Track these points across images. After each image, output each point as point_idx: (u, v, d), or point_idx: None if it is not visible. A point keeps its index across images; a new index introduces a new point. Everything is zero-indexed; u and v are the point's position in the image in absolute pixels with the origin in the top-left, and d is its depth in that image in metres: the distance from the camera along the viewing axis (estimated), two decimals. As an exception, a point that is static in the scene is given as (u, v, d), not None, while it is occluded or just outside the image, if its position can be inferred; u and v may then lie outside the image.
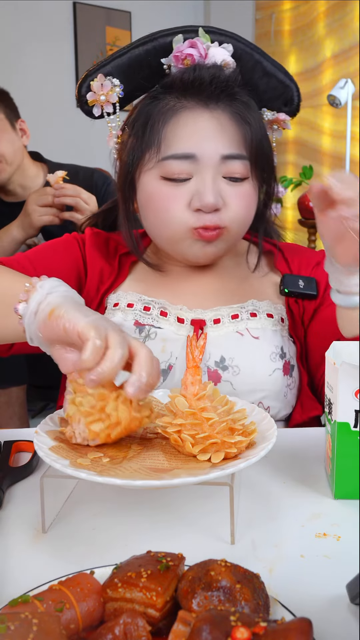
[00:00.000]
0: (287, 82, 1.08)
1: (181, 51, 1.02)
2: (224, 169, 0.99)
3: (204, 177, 0.98)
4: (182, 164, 0.98)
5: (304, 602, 0.59)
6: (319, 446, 0.91)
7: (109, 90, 1.03)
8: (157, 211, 1.02)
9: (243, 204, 1.01)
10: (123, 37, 4.03)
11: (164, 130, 0.99)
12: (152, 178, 1.01)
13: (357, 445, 0.77)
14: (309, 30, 4.08)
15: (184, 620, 0.49)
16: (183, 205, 0.99)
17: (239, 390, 1.02)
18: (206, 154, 0.98)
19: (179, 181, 0.99)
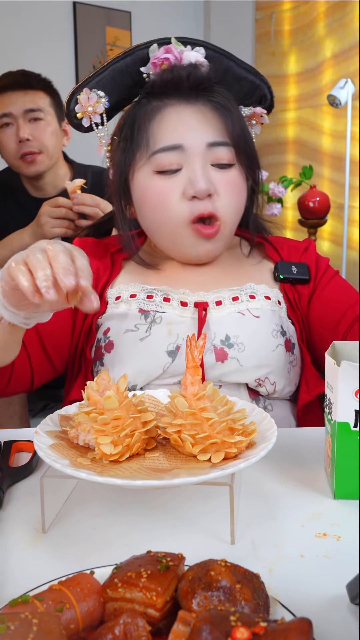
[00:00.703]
0: (257, 82, 1.15)
1: (158, 57, 1.09)
2: (211, 156, 1.05)
3: (193, 165, 1.04)
4: (171, 155, 1.04)
5: (304, 602, 0.59)
6: (319, 446, 0.91)
7: (95, 102, 1.09)
8: (153, 206, 1.06)
9: (233, 190, 1.07)
10: (123, 37, 4.03)
11: (150, 128, 1.05)
12: (145, 175, 1.06)
13: (357, 445, 0.77)
14: (309, 30, 4.08)
15: (184, 620, 0.49)
16: (177, 196, 1.04)
17: (245, 366, 1.05)
18: (193, 144, 1.04)
19: (170, 173, 1.04)
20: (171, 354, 1.05)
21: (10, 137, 2.00)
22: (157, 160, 1.04)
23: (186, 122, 1.05)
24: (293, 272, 1.14)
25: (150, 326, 1.07)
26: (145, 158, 1.06)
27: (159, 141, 1.05)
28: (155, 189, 1.05)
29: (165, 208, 1.05)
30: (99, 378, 0.79)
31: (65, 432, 0.80)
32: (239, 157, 1.08)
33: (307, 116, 4.17)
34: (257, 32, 4.36)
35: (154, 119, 1.06)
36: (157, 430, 0.79)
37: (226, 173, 1.06)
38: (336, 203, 3.72)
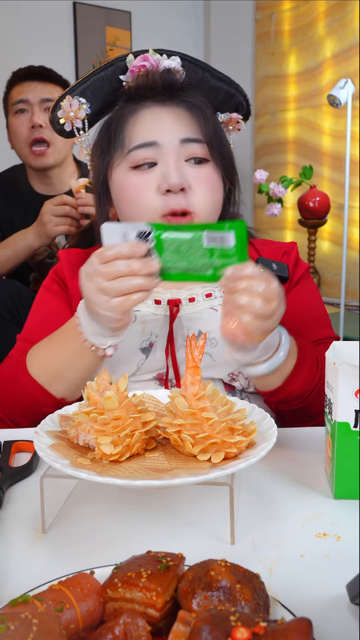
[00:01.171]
0: (232, 91, 1.19)
1: (135, 65, 1.13)
2: (184, 152, 1.07)
3: (167, 160, 1.06)
4: (146, 151, 1.07)
5: (304, 602, 0.59)
6: (319, 446, 0.91)
7: (77, 108, 1.14)
8: (129, 201, 1.08)
9: (207, 186, 1.08)
10: (123, 37, 4.02)
11: (127, 128, 1.09)
12: (122, 171, 1.09)
13: (357, 445, 0.77)
14: (309, 30, 4.08)
15: (184, 620, 0.49)
16: (152, 191, 1.06)
17: (217, 361, 1.07)
18: (167, 140, 1.07)
19: (145, 168, 1.07)
20: (145, 351, 1.08)
21: (24, 123, 2.02)
22: (132, 156, 1.07)
23: (161, 121, 1.08)
24: (273, 269, 1.14)
25: None
26: (122, 156, 1.09)
27: (134, 139, 1.08)
28: (131, 184, 1.07)
29: (140, 202, 1.06)
30: (99, 378, 0.79)
31: (65, 432, 0.80)
32: (213, 155, 1.09)
33: (307, 116, 4.17)
34: (257, 32, 4.36)
35: (130, 120, 1.09)
36: (157, 430, 0.79)
37: (200, 169, 1.08)
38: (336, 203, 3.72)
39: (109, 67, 1.14)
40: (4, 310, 1.83)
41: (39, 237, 1.89)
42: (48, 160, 2.04)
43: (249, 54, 4.37)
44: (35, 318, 1.19)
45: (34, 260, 2.08)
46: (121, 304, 0.85)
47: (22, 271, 2.08)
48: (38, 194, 2.12)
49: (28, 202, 2.09)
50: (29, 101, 2.02)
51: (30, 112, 2.02)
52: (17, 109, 2.04)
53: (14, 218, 2.10)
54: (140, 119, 1.09)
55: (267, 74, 4.30)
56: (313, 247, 3.37)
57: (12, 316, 1.84)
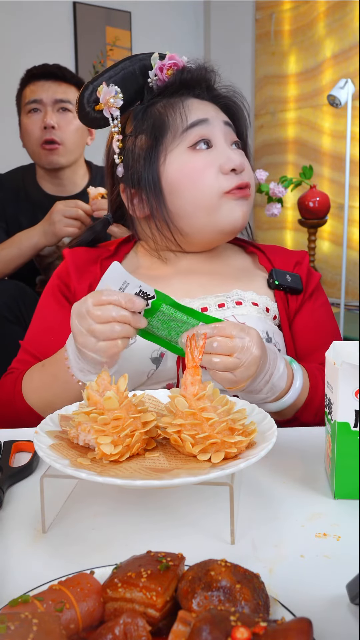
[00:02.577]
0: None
1: (164, 63, 1.14)
2: (228, 136, 1.13)
3: (222, 143, 1.11)
4: (201, 129, 1.10)
5: (304, 602, 0.59)
6: (319, 446, 0.91)
7: (115, 96, 1.10)
8: (192, 183, 1.09)
9: (249, 166, 1.14)
10: (123, 37, 4.02)
11: (177, 112, 1.11)
12: (179, 154, 1.10)
13: (357, 445, 0.77)
14: (309, 30, 4.08)
15: (184, 620, 0.49)
16: (215, 171, 1.09)
17: None
18: (215, 119, 1.12)
19: (203, 147, 1.10)
20: (155, 361, 1.07)
21: (36, 123, 2.02)
22: (189, 135, 1.09)
23: (204, 105, 1.13)
24: (288, 280, 1.17)
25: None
26: (177, 137, 1.09)
27: (189, 118, 1.10)
28: (192, 166, 1.09)
29: (203, 182, 1.08)
30: (99, 378, 0.79)
31: (65, 432, 0.80)
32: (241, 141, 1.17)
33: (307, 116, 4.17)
34: (257, 32, 4.36)
35: (177, 106, 1.11)
36: (157, 430, 0.79)
37: (241, 152, 1.14)
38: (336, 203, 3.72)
39: (136, 63, 1.14)
40: (7, 313, 1.83)
41: (45, 236, 1.88)
42: (59, 159, 2.03)
43: (249, 54, 4.37)
44: (37, 328, 1.18)
45: (42, 262, 2.07)
46: (108, 348, 0.87)
47: (28, 273, 2.08)
48: (48, 194, 2.11)
49: (37, 203, 2.08)
50: (42, 101, 2.01)
51: (43, 112, 2.01)
52: (30, 109, 2.03)
53: (21, 219, 2.10)
54: (186, 103, 1.12)
55: (267, 74, 4.30)
56: (313, 247, 3.37)
57: (16, 318, 1.84)
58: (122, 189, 1.15)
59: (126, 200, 1.15)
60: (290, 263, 1.21)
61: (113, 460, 0.73)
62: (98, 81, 1.10)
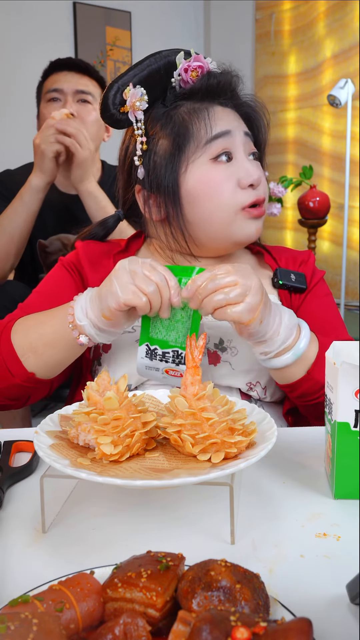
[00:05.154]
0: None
1: (189, 65, 1.11)
2: (247, 147, 1.12)
3: (242, 155, 1.10)
4: (224, 141, 1.08)
5: (304, 602, 0.59)
6: (319, 446, 0.91)
7: (140, 98, 1.08)
8: (210, 195, 1.08)
9: (264, 179, 1.13)
10: (123, 37, 4.02)
11: (202, 121, 1.09)
12: (201, 165, 1.08)
13: (357, 445, 0.77)
14: (309, 30, 4.08)
15: (184, 620, 0.49)
16: (233, 185, 1.08)
17: (237, 370, 1.08)
18: (236, 130, 1.10)
19: (224, 160, 1.08)
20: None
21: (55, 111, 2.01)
22: (211, 147, 1.08)
23: (227, 115, 1.11)
24: (292, 280, 1.17)
25: None
26: (200, 148, 1.08)
27: (213, 129, 1.09)
28: (212, 178, 1.08)
29: (221, 196, 1.08)
30: (99, 378, 0.79)
31: (65, 432, 0.80)
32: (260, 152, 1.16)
33: (307, 116, 4.17)
34: (257, 32, 4.36)
35: (201, 114, 1.09)
36: (157, 430, 0.79)
37: (257, 163, 1.13)
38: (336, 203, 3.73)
39: (160, 60, 1.11)
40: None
41: (41, 172, 1.87)
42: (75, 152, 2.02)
43: (249, 54, 4.37)
44: (41, 289, 1.18)
45: (47, 259, 2.07)
46: (134, 293, 0.89)
47: (31, 272, 2.08)
48: (59, 191, 2.10)
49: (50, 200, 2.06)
50: (63, 91, 2.01)
51: (63, 101, 2.01)
52: (50, 97, 2.03)
53: None
54: (212, 113, 1.10)
55: (267, 74, 4.31)
56: (313, 247, 3.37)
57: None
58: (137, 189, 1.14)
59: (142, 202, 1.14)
60: (296, 262, 1.22)
61: (113, 460, 0.73)
62: (123, 79, 1.08)
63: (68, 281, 1.16)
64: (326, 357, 0.82)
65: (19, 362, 1.01)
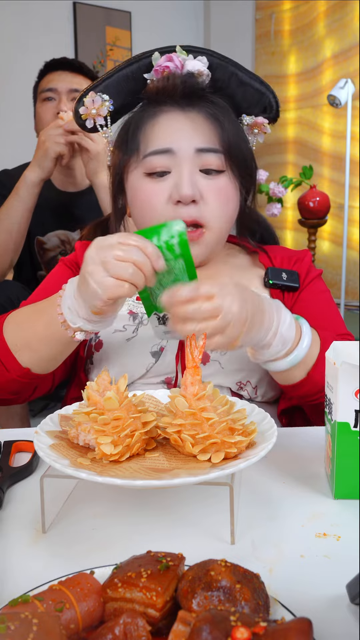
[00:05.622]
0: (262, 89, 1.14)
1: (160, 65, 1.11)
2: (199, 162, 1.06)
3: (181, 170, 1.05)
4: (161, 158, 1.06)
5: (304, 602, 0.59)
6: (319, 446, 0.91)
7: (100, 105, 1.12)
8: (141, 207, 1.08)
9: (221, 198, 1.07)
10: (123, 37, 4.03)
11: (144, 132, 1.08)
12: (137, 176, 1.09)
13: (357, 445, 0.77)
14: (309, 30, 4.08)
15: (184, 620, 0.49)
16: (164, 200, 1.05)
17: (226, 369, 1.07)
18: (182, 148, 1.05)
19: (159, 175, 1.06)
20: (155, 355, 1.08)
21: (50, 110, 2.05)
22: (147, 163, 1.06)
23: (178, 128, 1.06)
24: (283, 279, 1.15)
25: (137, 327, 1.10)
26: (138, 161, 1.08)
27: (150, 145, 1.07)
28: (143, 191, 1.07)
29: (151, 210, 1.06)
30: (99, 378, 0.79)
31: (65, 432, 0.80)
32: (231, 165, 1.08)
33: (307, 116, 4.17)
34: (257, 32, 4.36)
35: (148, 124, 1.08)
36: (157, 430, 0.79)
37: (215, 180, 1.06)
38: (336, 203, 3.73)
39: (134, 64, 1.11)
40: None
41: (38, 167, 1.89)
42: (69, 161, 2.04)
43: (249, 54, 4.37)
44: (44, 287, 1.19)
45: (45, 256, 2.07)
46: (113, 286, 0.83)
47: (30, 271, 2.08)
48: (57, 189, 2.11)
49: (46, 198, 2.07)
50: (57, 90, 2.04)
51: (57, 100, 2.04)
52: (45, 97, 2.06)
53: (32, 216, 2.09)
54: (158, 124, 1.08)
55: (267, 74, 4.31)
56: (313, 247, 3.37)
57: None
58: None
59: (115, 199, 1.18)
60: (291, 261, 1.20)
61: (113, 460, 0.73)
62: (91, 90, 1.11)
63: (69, 275, 1.16)
64: (326, 357, 0.82)
65: (13, 357, 1.01)
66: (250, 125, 1.17)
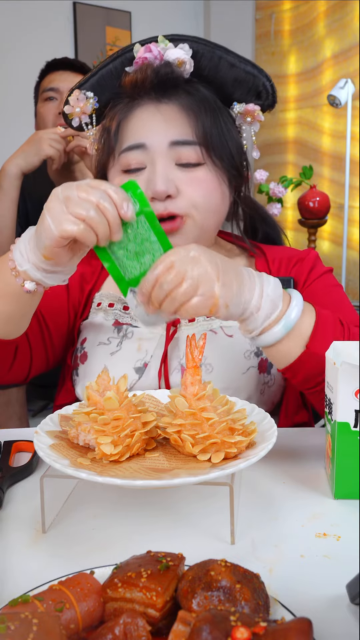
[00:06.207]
0: (254, 72, 1.09)
1: (139, 57, 1.07)
2: (174, 156, 1.03)
3: (154, 165, 1.02)
4: (134, 154, 1.04)
5: (304, 602, 0.59)
6: (319, 446, 0.91)
7: (84, 103, 1.10)
8: None
9: (199, 190, 1.03)
10: (123, 37, 4.02)
11: (119, 129, 1.06)
12: (115, 174, 1.08)
13: (357, 445, 0.77)
14: (309, 30, 4.08)
15: (184, 620, 0.49)
16: None
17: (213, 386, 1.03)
18: (155, 142, 1.03)
19: (133, 172, 1.04)
20: (138, 371, 1.04)
21: (52, 110, 2.05)
22: (123, 159, 1.05)
23: (151, 122, 1.04)
24: None
25: (121, 340, 1.07)
26: (114, 159, 1.07)
27: (125, 141, 1.05)
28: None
29: None
30: (99, 378, 0.79)
31: (65, 432, 0.80)
32: (210, 156, 1.04)
33: (307, 116, 4.17)
34: (257, 32, 4.36)
35: (123, 121, 1.06)
36: (157, 430, 0.79)
37: (191, 172, 1.03)
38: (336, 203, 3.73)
39: (117, 59, 1.09)
40: None
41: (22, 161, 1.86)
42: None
43: (249, 54, 4.37)
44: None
45: None
46: (67, 222, 0.78)
47: None
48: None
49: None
50: (59, 90, 2.04)
51: (59, 100, 2.04)
52: (47, 97, 2.06)
53: (30, 214, 2.09)
54: (133, 119, 1.05)
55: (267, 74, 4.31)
56: (313, 247, 3.37)
57: None
58: None
59: None
60: (290, 263, 1.14)
61: (113, 460, 0.73)
62: (76, 88, 1.10)
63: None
64: (326, 357, 0.81)
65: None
66: (242, 113, 1.11)
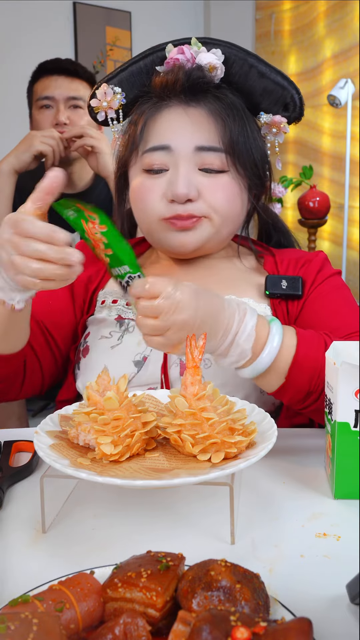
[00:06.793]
0: (284, 84, 1.11)
1: (171, 58, 1.08)
2: (199, 161, 1.04)
3: (178, 168, 1.03)
4: (158, 155, 1.04)
5: (304, 602, 0.59)
6: (319, 446, 0.91)
7: (112, 98, 1.11)
8: (137, 202, 1.08)
9: (220, 194, 1.04)
10: (123, 37, 4.02)
11: (145, 129, 1.07)
12: (136, 172, 1.08)
13: (357, 445, 0.77)
14: (309, 30, 4.08)
15: (184, 620, 0.49)
16: (158, 196, 1.04)
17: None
18: (180, 145, 1.03)
19: (155, 172, 1.05)
20: (137, 364, 1.05)
21: (48, 118, 2.04)
22: (146, 159, 1.05)
23: (178, 125, 1.04)
24: (282, 287, 1.09)
25: (122, 334, 1.08)
26: (137, 157, 1.08)
27: (149, 141, 1.05)
28: (141, 187, 1.06)
29: (145, 205, 1.06)
30: (99, 378, 0.79)
31: (65, 432, 0.80)
32: (234, 164, 1.05)
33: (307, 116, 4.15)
34: (257, 32, 4.36)
35: (150, 120, 1.06)
36: (157, 430, 0.79)
37: (214, 178, 1.04)
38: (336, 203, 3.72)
39: (148, 56, 1.09)
40: None
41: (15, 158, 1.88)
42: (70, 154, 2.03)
43: (249, 54, 4.36)
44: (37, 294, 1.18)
45: None
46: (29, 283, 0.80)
47: None
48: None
49: None
50: (54, 98, 2.02)
51: (55, 108, 2.02)
52: (42, 105, 2.04)
53: None
54: (160, 120, 1.05)
55: (267, 74, 4.30)
56: (313, 247, 3.37)
57: None
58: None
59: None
60: (298, 264, 1.13)
61: (113, 460, 0.73)
62: (105, 81, 1.10)
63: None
64: (326, 357, 0.81)
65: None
66: (269, 124, 1.12)
